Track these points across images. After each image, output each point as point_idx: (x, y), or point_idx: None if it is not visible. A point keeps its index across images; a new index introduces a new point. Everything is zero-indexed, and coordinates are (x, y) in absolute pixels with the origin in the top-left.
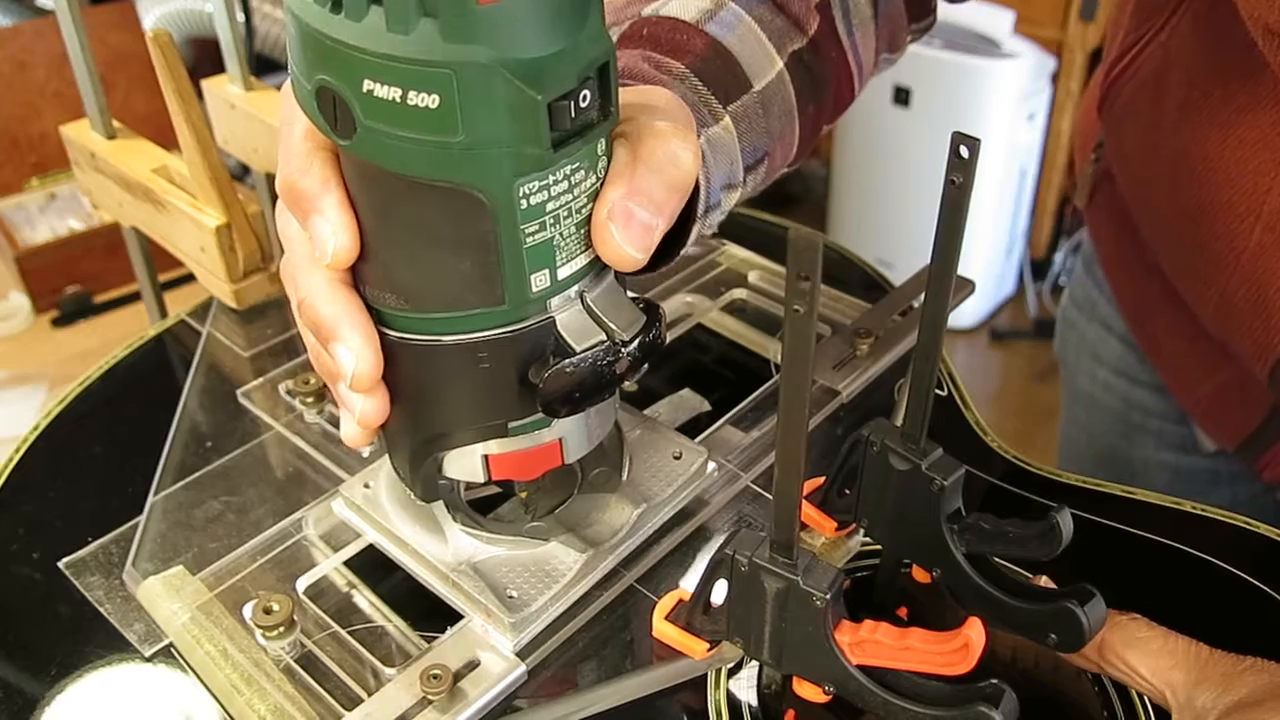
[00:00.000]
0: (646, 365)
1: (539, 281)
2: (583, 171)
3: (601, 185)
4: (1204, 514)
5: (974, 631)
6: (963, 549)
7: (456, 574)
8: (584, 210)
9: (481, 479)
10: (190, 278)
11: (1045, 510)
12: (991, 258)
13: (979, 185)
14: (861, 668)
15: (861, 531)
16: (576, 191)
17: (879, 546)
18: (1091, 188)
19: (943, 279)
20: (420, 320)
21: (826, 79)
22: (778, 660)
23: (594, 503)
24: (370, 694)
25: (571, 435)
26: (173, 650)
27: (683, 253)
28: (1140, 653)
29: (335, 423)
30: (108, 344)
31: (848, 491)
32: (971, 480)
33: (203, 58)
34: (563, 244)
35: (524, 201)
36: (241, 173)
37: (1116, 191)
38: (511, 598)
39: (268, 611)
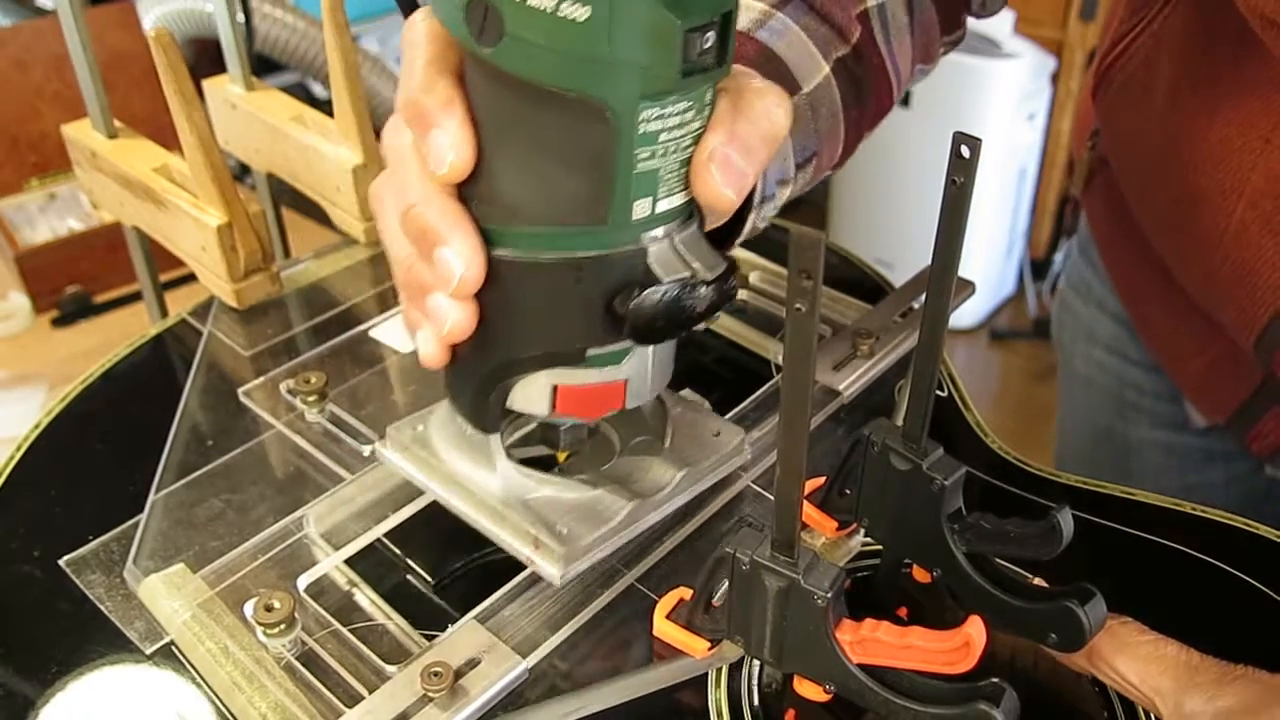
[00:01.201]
0: (719, 311)
1: (640, 209)
2: (692, 112)
3: (703, 131)
4: (1204, 515)
5: (974, 630)
6: (963, 548)
7: (507, 507)
8: (687, 150)
9: (544, 412)
10: (191, 277)
11: (1045, 510)
12: (991, 258)
13: (979, 185)
14: (862, 666)
15: (862, 531)
16: (684, 130)
17: (879, 546)
18: (1088, 174)
19: (943, 279)
20: (523, 236)
21: (868, 85)
22: (778, 659)
23: (637, 464)
24: (371, 691)
25: (635, 379)
26: (173, 648)
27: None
28: (1129, 658)
29: (336, 422)
30: (108, 344)
31: (848, 491)
32: (971, 481)
33: (202, 57)
34: (665, 177)
35: (643, 126)
36: (241, 173)
37: (1111, 176)
38: (561, 533)
39: (269, 609)
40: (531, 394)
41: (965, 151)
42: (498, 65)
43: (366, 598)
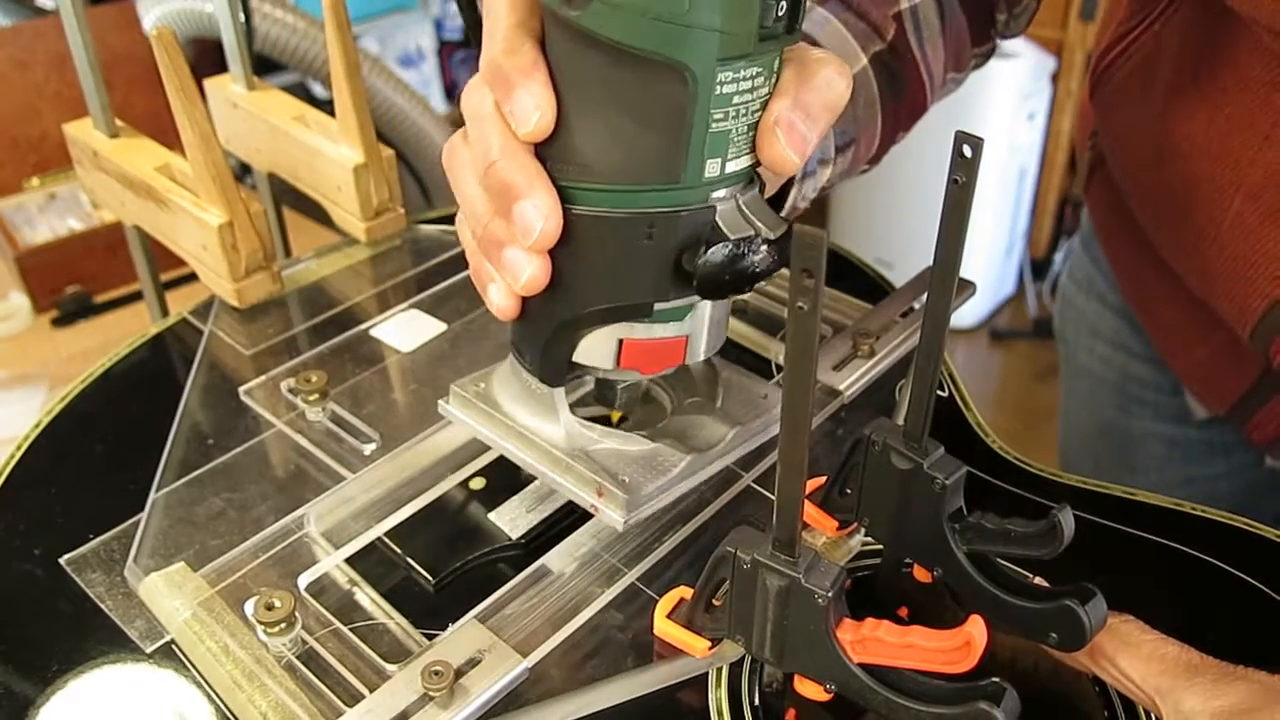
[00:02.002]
0: (778, 270)
1: (711, 169)
2: (762, 78)
3: (770, 97)
4: (1204, 515)
5: (976, 629)
6: (964, 548)
7: (571, 457)
8: (755, 115)
9: (609, 365)
10: (191, 277)
11: (1045, 510)
12: (991, 258)
13: (979, 185)
14: (863, 666)
15: (863, 531)
16: (754, 95)
17: (880, 546)
18: (1089, 170)
19: (945, 278)
20: (599, 193)
21: (904, 81)
22: (779, 658)
23: (690, 422)
24: (371, 690)
25: (694, 336)
26: (174, 647)
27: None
28: (1130, 657)
29: (337, 420)
30: (108, 344)
31: (849, 491)
32: (972, 481)
33: (203, 58)
34: (735, 140)
35: (719, 88)
36: (242, 173)
37: (1110, 173)
38: (624, 481)
39: (269, 608)
40: (598, 347)
41: (967, 151)
42: (584, 28)
43: (367, 596)
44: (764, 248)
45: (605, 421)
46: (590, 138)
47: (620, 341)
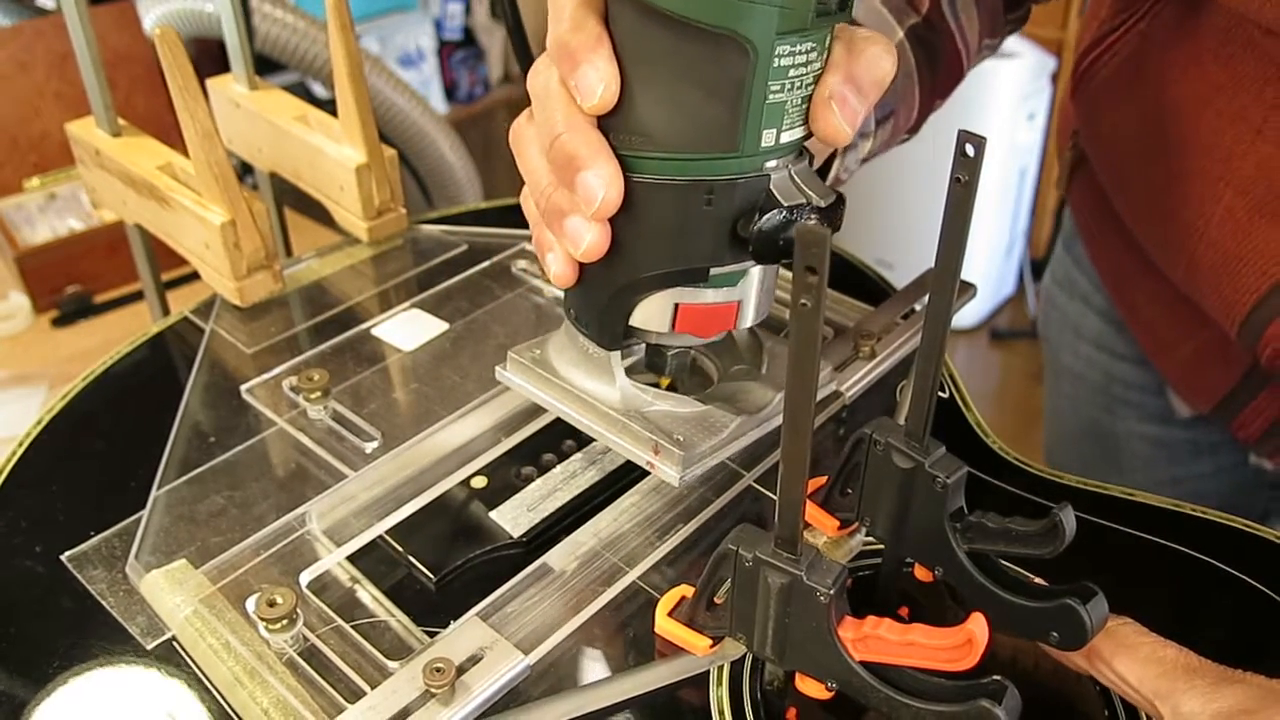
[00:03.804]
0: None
1: (767, 138)
2: (816, 53)
3: (823, 71)
4: (1204, 515)
5: (977, 627)
6: (965, 547)
7: (627, 417)
8: (808, 88)
9: (664, 329)
10: (191, 278)
11: (1045, 511)
12: (991, 257)
13: (979, 185)
14: (864, 664)
15: (863, 530)
16: (808, 69)
17: (881, 546)
18: (1070, 170)
19: (947, 276)
20: (661, 162)
21: (940, 52)
22: (780, 657)
23: (737, 388)
24: (373, 687)
25: (746, 303)
26: (175, 643)
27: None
28: (1128, 660)
29: (338, 419)
30: (108, 344)
31: (850, 491)
32: (972, 481)
33: (203, 58)
34: (789, 111)
35: (777, 60)
36: (243, 173)
37: (1092, 172)
38: (678, 439)
39: (271, 605)
40: (654, 312)
41: (970, 150)
42: (649, 2)
43: (368, 594)
44: (815, 215)
45: (654, 387)
46: (653, 109)
47: (676, 306)
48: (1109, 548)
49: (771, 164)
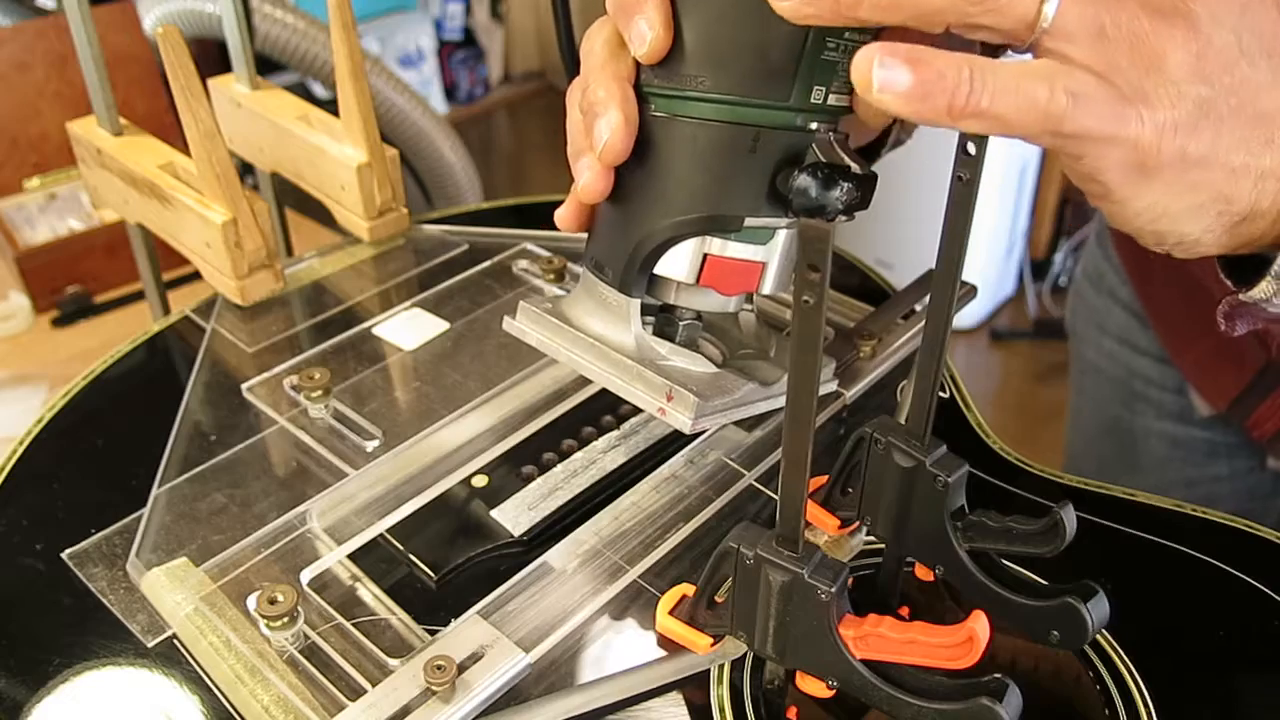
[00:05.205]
0: (861, 208)
1: (816, 95)
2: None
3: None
4: (1205, 516)
5: (978, 625)
6: (965, 546)
7: (641, 364)
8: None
9: (690, 279)
10: (192, 278)
11: (1045, 512)
12: (991, 258)
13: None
14: (865, 662)
15: (864, 529)
16: (861, 36)
17: (881, 545)
18: None
19: (949, 275)
20: (711, 103)
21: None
22: (781, 655)
23: (746, 364)
24: (374, 685)
25: (771, 265)
26: (176, 641)
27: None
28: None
29: (339, 418)
30: (108, 344)
31: (850, 490)
32: (972, 481)
33: (204, 58)
34: (839, 74)
35: None
36: (243, 173)
37: None
38: (692, 389)
39: (272, 602)
40: (681, 261)
41: (971, 148)
42: None
43: (369, 592)
44: (849, 183)
45: None
46: (709, 50)
47: (705, 256)
48: (1110, 548)
49: (814, 125)
